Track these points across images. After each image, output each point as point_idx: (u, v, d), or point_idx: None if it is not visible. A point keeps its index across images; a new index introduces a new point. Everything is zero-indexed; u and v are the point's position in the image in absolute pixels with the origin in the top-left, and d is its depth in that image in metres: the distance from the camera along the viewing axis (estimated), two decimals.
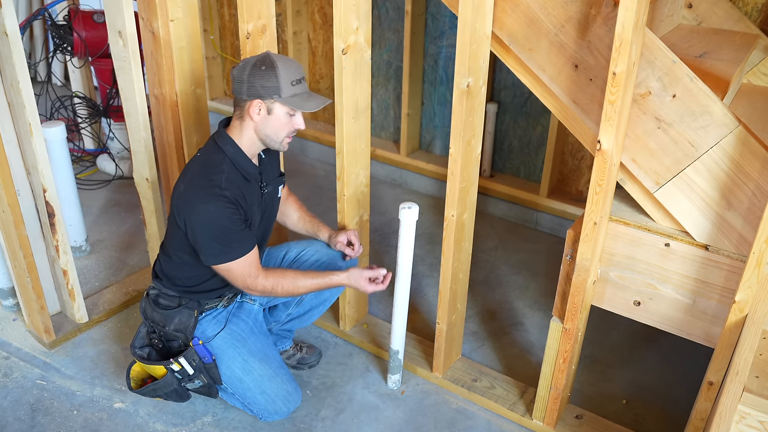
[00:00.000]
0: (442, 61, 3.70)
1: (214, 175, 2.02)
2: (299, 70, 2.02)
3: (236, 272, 2.07)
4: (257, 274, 2.10)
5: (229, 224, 2.00)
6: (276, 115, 2.01)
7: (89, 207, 3.63)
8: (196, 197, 2.00)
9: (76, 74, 4.02)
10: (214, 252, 2.04)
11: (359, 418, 2.35)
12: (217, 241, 2.02)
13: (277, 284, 2.13)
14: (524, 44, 1.90)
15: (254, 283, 2.10)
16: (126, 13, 2.36)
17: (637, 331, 2.79)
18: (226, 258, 2.04)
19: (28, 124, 2.29)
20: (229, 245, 2.03)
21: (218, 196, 1.98)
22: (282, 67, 1.97)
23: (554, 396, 2.22)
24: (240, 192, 2.05)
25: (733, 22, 2.49)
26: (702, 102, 1.69)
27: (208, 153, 2.08)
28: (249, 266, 2.08)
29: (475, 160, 2.16)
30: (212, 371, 2.17)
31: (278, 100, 1.98)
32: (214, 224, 1.99)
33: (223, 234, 2.01)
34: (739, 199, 1.73)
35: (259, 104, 2.00)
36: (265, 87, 1.97)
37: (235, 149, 2.06)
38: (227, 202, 1.99)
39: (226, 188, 2.00)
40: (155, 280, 2.25)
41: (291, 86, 1.98)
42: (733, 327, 1.75)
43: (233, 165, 2.05)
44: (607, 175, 1.77)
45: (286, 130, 2.05)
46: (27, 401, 2.37)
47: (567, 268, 2.03)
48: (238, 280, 2.09)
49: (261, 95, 1.98)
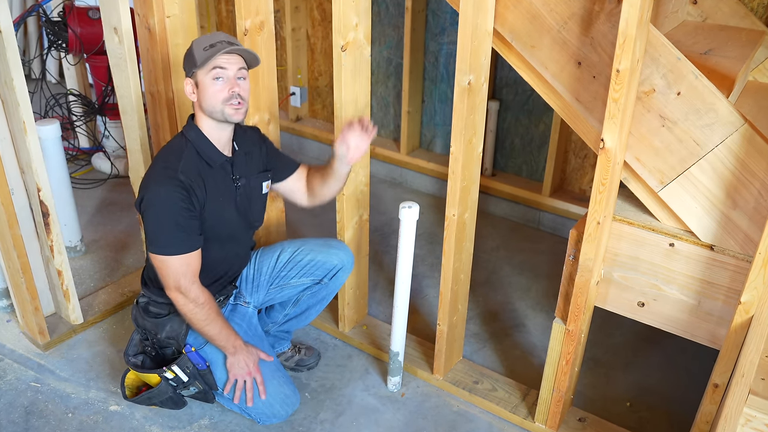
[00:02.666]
0: (442, 58, 3.69)
1: (172, 158, 2.02)
2: (214, 37, 2.00)
3: (172, 268, 1.99)
4: (194, 280, 2.03)
5: (176, 210, 1.96)
6: (202, 84, 2.00)
7: (84, 206, 3.61)
8: (151, 178, 2.00)
9: (70, 71, 4.00)
10: (156, 240, 1.98)
11: (359, 420, 2.34)
12: (161, 228, 1.97)
13: (208, 301, 2.05)
14: (526, 41, 1.89)
15: (187, 287, 2.01)
16: (122, 9, 2.36)
17: (640, 332, 2.78)
18: (166, 250, 1.98)
19: (22, 122, 2.28)
20: (173, 237, 1.97)
21: (171, 178, 1.97)
22: (197, 41, 2.00)
23: (557, 398, 2.21)
24: (199, 178, 2.02)
25: (738, 19, 2.50)
26: (707, 100, 1.69)
27: (173, 140, 2.11)
28: (187, 266, 2.01)
29: (476, 158, 2.15)
30: (207, 377, 2.16)
31: (196, 70, 1.99)
32: (162, 207, 1.96)
33: (169, 223, 1.96)
34: (745, 199, 1.72)
35: (189, 83, 2.03)
36: (187, 65, 2.02)
37: (197, 134, 2.06)
38: (179, 187, 1.96)
39: (182, 171, 1.99)
40: (144, 287, 2.23)
41: (203, 51, 1.97)
42: (739, 328, 1.74)
43: (195, 150, 2.05)
44: (610, 174, 1.76)
45: (219, 96, 2.00)
46: (21, 404, 2.36)
47: (570, 269, 2.02)
48: (171, 278, 2.00)
49: (187, 74, 2.02)
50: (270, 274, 2.38)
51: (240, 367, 2.13)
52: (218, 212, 2.09)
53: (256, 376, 2.15)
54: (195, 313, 2.04)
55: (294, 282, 2.38)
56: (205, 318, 2.06)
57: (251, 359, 2.14)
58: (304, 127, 4.33)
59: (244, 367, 2.13)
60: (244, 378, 2.14)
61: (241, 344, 2.13)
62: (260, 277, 2.37)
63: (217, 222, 2.10)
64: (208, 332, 2.08)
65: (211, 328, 2.07)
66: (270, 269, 2.38)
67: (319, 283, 2.39)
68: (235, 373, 2.13)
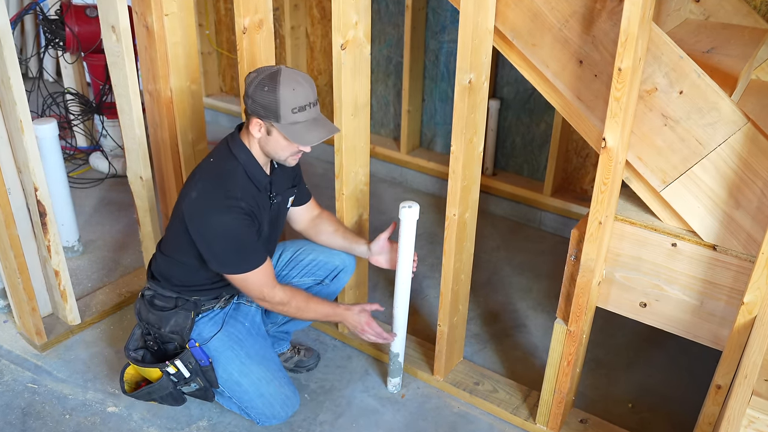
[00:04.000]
0: (443, 57, 3.68)
1: (230, 185, 2.00)
2: (306, 95, 1.92)
3: (253, 282, 2.06)
4: (273, 284, 2.09)
5: (245, 236, 2.01)
6: (275, 137, 1.97)
7: (82, 206, 3.60)
8: (212, 208, 1.98)
9: (68, 70, 3.98)
10: (231, 263, 2.03)
11: (358, 422, 2.33)
12: (233, 252, 2.01)
13: (292, 298, 2.13)
14: (527, 39, 1.89)
15: (271, 294, 2.08)
16: (119, 7, 2.35)
17: (643, 333, 2.77)
18: (243, 269, 2.03)
19: (19, 121, 2.27)
20: (245, 256, 2.03)
21: (234, 207, 1.97)
22: (285, 90, 1.89)
23: (558, 400, 2.20)
24: (254, 202, 2.05)
25: (741, 17, 2.49)
26: (710, 98, 1.69)
27: (222, 160, 2.05)
28: (265, 276, 2.07)
29: (477, 157, 2.14)
30: (209, 374, 2.15)
31: (276, 125, 1.93)
32: (231, 236, 1.99)
33: (239, 245, 2.01)
34: (748, 198, 1.72)
35: (259, 124, 1.96)
36: (265, 108, 1.91)
37: (248, 157, 2.04)
38: (243, 214, 1.99)
39: (242, 199, 2.00)
40: (151, 280, 2.22)
41: (291, 113, 1.91)
42: (742, 329, 1.74)
43: (246, 174, 2.04)
44: (612, 174, 1.76)
45: (287, 151, 2.01)
46: (18, 405, 2.35)
47: (571, 269, 2.01)
48: (255, 291, 2.08)
49: (261, 115, 1.94)
50: None
51: (355, 327, 2.25)
52: (262, 230, 2.12)
53: (374, 326, 2.25)
54: (286, 311, 2.15)
55: (295, 282, 2.38)
56: (296, 310, 2.15)
57: (363, 317, 2.24)
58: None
59: (358, 325, 2.24)
60: (368, 332, 2.25)
61: (341, 311, 2.23)
62: None
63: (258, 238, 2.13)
64: (307, 318, 2.24)
65: (308, 314, 2.19)
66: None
67: (320, 284, 2.39)
68: (358, 333, 2.26)
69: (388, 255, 2.33)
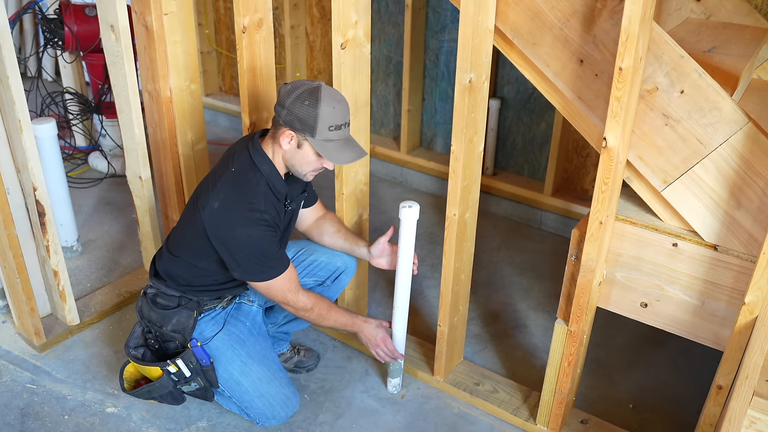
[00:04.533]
0: (443, 56, 3.67)
1: (254, 198, 2.01)
2: (344, 115, 1.96)
3: (277, 289, 2.09)
4: (297, 289, 2.13)
5: (269, 246, 2.03)
6: (305, 151, 1.99)
7: (81, 206, 3.60)
8: (236, 220, 1.99)
9: (67, 69, 3.97)
10: (256, 271, 2.06)
11: (358, 423, 2.32)
12: (258, 262, 2.04)
13: (315, 304, 2.16)
14: (528, 39, 1.88)
15: (295, 299, 2.12)
16: (118, 6, 2.36)
17: (643, 333, 2.76)
18: (267, 276, 2.06)
19: (17, 121, 2.27)
20: (270, 264, 2.06)
21: (258, 220, 2.00)
22: (326, 106, 1.91)
23: (559, 400, 2.19)
24: (275, 212, 2.07)
25: (742, 16, 2.48)
26: (711, 98, 1.68)
27: (245, 170, 2.05)
28: (289, 281, 2.10)
29: (477, 157, 2.14)
30: (209, 374, 2.15)
31: (310, 139, 1.95)
32: (256, 247, 2.01)
33: (264, 255, 2.04)
34: (749, 198, 1.71)
35: (291, 135, 1.97)
36: (301, 121, 1.93)
37: (270, 169, 2.05)
38: (267, 226, 2.02)
39: (266, 211, 2.02)
40: (154, 279, 2.22)
41: (328, 131, 1.94)
42: (743, 329, 1.73)
43: (268, 185, 2.05)
44: (613, 173, 1.75)
45: (312, 166, 2.04)
46: (17, 405, 2.34)
47: (572, 269, 2.01)
48: (278, 296, 2.11)
49: (295, 128, 1.95)
50: None
51: (369, 341, 2.29)
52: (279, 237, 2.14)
53: (388, 344, 2.29)
54: (308, 317, 2.18)
55: None
56: (317, 317, 2.18)
57: (379, 333, 2.28)
58: None
59: (372, 339, 2.28)
60: (381, 348, 2.29)
61: (359, 322, 2.26)
62: None
63: None
64: (326, 325, 2.25)
65: (327, 322, 2.22)
66: None
67: (321, 285, 2.38)
68: (370, 347, 2.30)
69: (388, 257, 2.34)
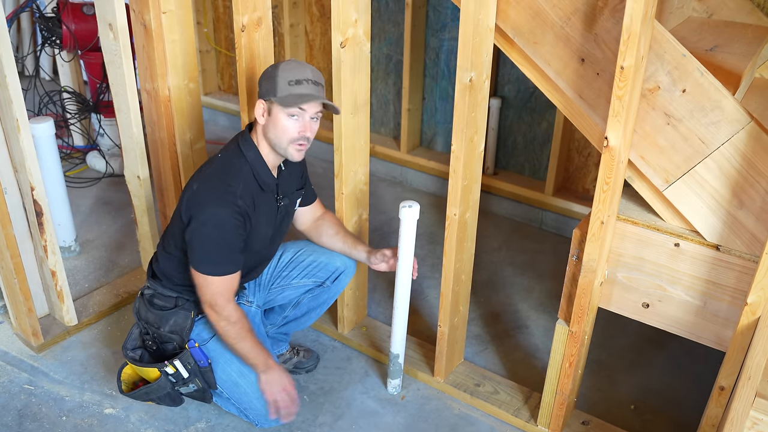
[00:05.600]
0: (443, 55, 3.66)
1: (233, 181, 2.00)
2: (303, 71, 1.97)
3: (212, 287, 2.02)
4: (230, 298, 2.05)
5: (230, 237, 1.99)
6: (275, 116, 1.98)
7: (79, 206, 3.59)
8: (209, 199, 1.98)
9: (65, 68, 3.97)
10: (205, 259, 2.00)
11: (358, 424, 2.31)
12: (212, 249, 1.99)
13: (240, 320, 2.06)
14: (529, 37, 1.88)
15: (223, 305, 2.03)
16: (117, 4, 2.35)
17: (645, 334, 2.75)
18: (213, 270, 2.00)
19: (15, 120, 2.26)
20: (220, 258, 2.00)
21: (231, 203, 1.97)
22: (284, 66, 1.96)
23: (560, 401, 2.19)
24: (252, 203, 2.03)
25: (744, 15, 2.48)
26: (713, 97, 1.68)
27: (230, 156, 2.06)
28: (227, 287, 2.03)
29: (477, 157, 2.13)
30: (207, 375, 2.14)
31: (274, 99, 1.96)
32: (217, 231, 1.97)
33: (220, 244, 1.99)
34: (752, 198, 1.71)
35: (261, 105, 2.00)
36: (265, 87, 1.97)
37: (256, 156, 2.04)
38: (237, 213, 1.98)
39: (241, 197, 1.99)
40: (151, 279, 2.21)
41: (288, 86, 1.94)
42: (745, 330, 1.73)
43: (252, 173, 2.04)
44: (614, 173, 1.75)
45: (288, 134, 1.99)
46: (14, 407, 2.33)
47: (573, 269, 2.00)
48: (208, 295, 2.03)
49: (262, 95, 1.99)
50: (271, 274, 2.37)
51: (275, 384, 2.09)
52: (260, 232, 2.11)
53: (291, 392, 2.11)
54: (227, 330, 2.06)
55: (295, 283, 2.36)
56: (236, 335, 2.06)
57: (285, 376, 2.11)
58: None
59: (278, 383, 2.09)
60: (282, 397, 2.09)
61: (272, 363, 2.11)
62: (262, 277, 2.36)
63: (256, 240, 2.11)
64: (240, 349, 2.08)
65: (243, 345, 2.08)
66: (272, 269, 2.37)
67: (321, 286, 2.37)
68: (272, 391, 2.09)
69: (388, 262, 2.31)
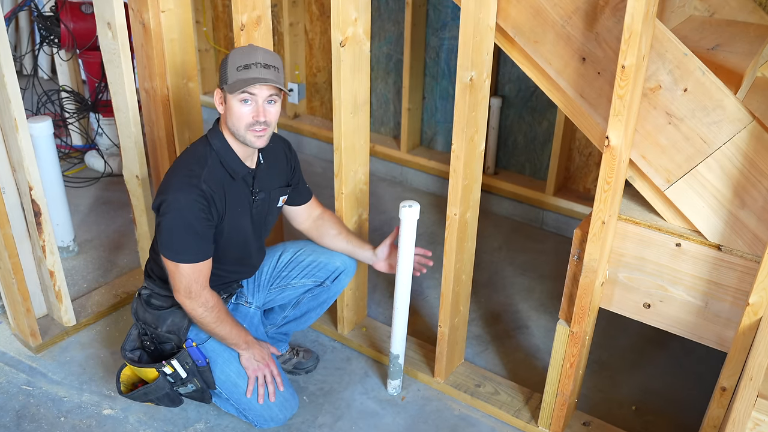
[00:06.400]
0: (444, 54, 3.66)
1: (196, 165, 2.00)
2: (254, 55, 1.93)
3: (184, 275, 1.99)
4: (204, 285, 2.03)
5: (194, 221, 1.95)
6: (229, 104, 1.97)
7: (77, 205, 3.59)
8: (172, 185, 1.97)
9: (63, 67, 3.97)
10: (170, 245, 1.98)
11: (358, 425, 2.31)
12: (178, 234, 1.96)
13: (216, 305, 2.06)
14: (530, 36, 1.87)
15: (198, 292, 2.01)
16: (115, 3, 2.34)
17: (647, 334, 2.75)
18: (180, 257, 1.97)
19: (13, 119, 2.26)
20: (187, 244, 1.97)
21: (193, 186, 1.95)
22: (234, 53, 1.95)
23: (561, 402, 2.18)
24: (220, 189, 2.01)
25: (746, 13, 2.47)
26: (714, 96, 1.67)
27: (196, 144, 2.08)
28: (199, 273, 2.01)
29: (478, 156, 2.12)
30: (206, 375, 2.13)
31: (226, 87, 1.95)
32: (181, 214, 1.94)
33: (185, 229, 1.95)
34: (753, 198, 1.70)
35: (219, 94, 2.00)
36: (220, 75, 1.97)
37: (222, 143, 2.03)
38: (201, 196, 1.95)
39: (205, 181, 1.97)
40: (147, 279, 2.21)
41: (236, 71, 1.92)
42: (747, 330, 1.72)
43: (218, 160, 2.02)
44: (615, 173, 1.74)
45: (243, 120, 1.96)
46: (12, 407, 2.33)
47: (574, 269, 1.99)
48: (182, 283, 2.00)
49: (219, 84, 1.99)
50: (271, 274, 2.36)
51: (256, 361, 2.15)
52: (235, 223, 2.09)
53: (273, 368, 2.17)
54: (204, 317, 2.05)
55: (295, 283, 2.35)
56: (214, 320, 2.06)
57: (265, 352, 2.17)
58: (302, 124, 4.29)
59: (260, 360, 2.15)
60: (263, 372, 2.15)
61: (252, 339, 2.15)
62: (261, 277, 2.35)
63: (233, 232, 2.09)
64: (219, 333, 2.09)
65: (222, 328, 2.08)
66: (271, 269, 2.36)
67: (320, 285, 2.36)
68: (253, 368, 2.14)
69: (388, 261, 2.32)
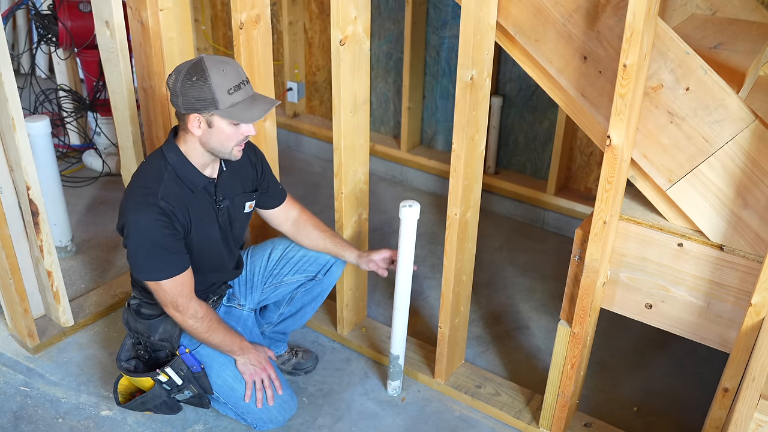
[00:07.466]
0: (444, 53, 3.65)
1: (151, 182, 1.94)
2: (237, 74, 1.86)
3: (167, 291, 1.97)
4: (190, 296, 2.00)
5: (159, 238, 1.91)
6: (218, 127, 1.89)
7: (75, 205, 3.58)
8: (129, 204, 1.93)
9: (61, 66, 3.97)
10: (143, 267, 1.96)
11: (358, 426, 2.30)
12: (146, 254, 1.94)
13: (207, 314, 2.04)
14: (530, 35, 1.86)
15: (185, 305, 1.99)
16: (113, 2, 2.35)
17: (648, 335, 2.74)
18: (156, 275, 1.95)
19: (10, 119, 2.25)
20: (158, 262, 1.94)
21: (151, 205, 1.90)
22: (215, 74, 1.82)
23: (562, 403, 2.17)
24: (181, 204, 1.95)
25: (749, 12, 2.47)
26: (717, 95, 1.66)
27: (150, 159, 2.00)
28: (182, 286, 1.98)
29: (479, 156, 2.12)
30: (202, 380, 2.12)
31: (216, 112, 1.86)
32: (144, 236, 1.91)
33: (152, 248, 1.92)
34: (756, 197, 1.69)
35: (198, 118, 1.87)
36: (199, 100, 1.83)
37: (178, 158, 1.96)
38: (160, 214, 1.90)
39: (163, 198, 1.91)
40: (134, 289, 2.19)
41: (228, 95, 1.84)
42: (749, 331, 1.72)
43: (175, 174, 1.96)
44: (617, 172, 1.74)
45: (233, 140, 1.92)
46: (10, 408, 2.32)
47: (575, 269, 1.99)
48: (168, 299, 1.98)
49: (197, 109, 1.85)
50: (263, 273, 2.35)
51: (252, 365, 2.12)
52: (204, 233, 2.05)
53: (270, 371, 2.15)
54: (195, 327, 2.04)
55: (288, 279, 2.35)
56: (206, 330, 2.04)
57: (261, 356, 2.15)
58: (301, 123, 4.29)
59: (256, 364, 2.13)
60: (261, 376, 2.13)
61: (247, 344, 2.13)
62: (254, 278, 2.34)
63: (203, 243, 2.06)
64: (212, 341, 2.07)
65: (215, 336, 2.06)
66: (262, 268, 2.35)
67: (313, 279, 2.36)
68: (250, 373, 2.12)
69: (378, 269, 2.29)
